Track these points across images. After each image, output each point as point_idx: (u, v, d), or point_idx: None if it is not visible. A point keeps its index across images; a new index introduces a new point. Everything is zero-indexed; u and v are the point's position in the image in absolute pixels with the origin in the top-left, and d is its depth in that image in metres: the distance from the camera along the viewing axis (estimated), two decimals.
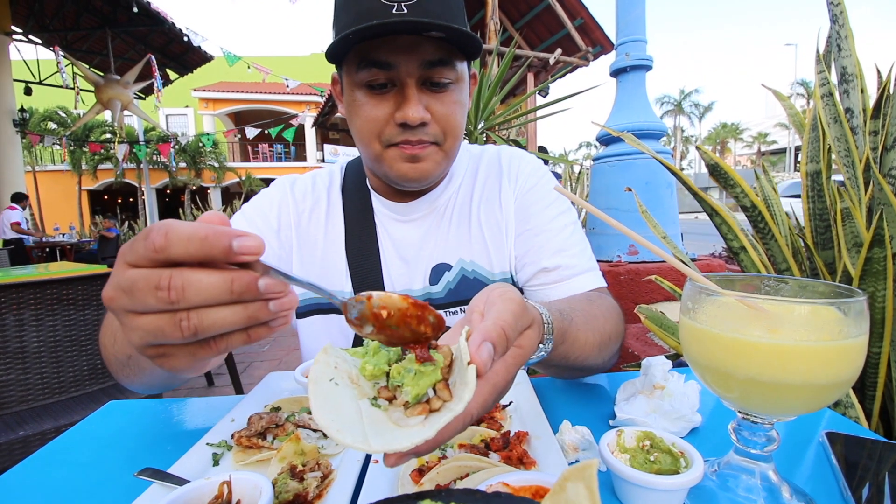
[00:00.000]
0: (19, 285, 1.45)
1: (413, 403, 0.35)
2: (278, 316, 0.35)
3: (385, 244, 0.91)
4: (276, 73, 9.19)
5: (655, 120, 2.52)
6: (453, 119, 0.79)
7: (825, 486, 0.53)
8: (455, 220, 0.93)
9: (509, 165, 0.96)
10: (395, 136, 0.77)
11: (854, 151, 1.04)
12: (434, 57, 0.73)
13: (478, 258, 0.91)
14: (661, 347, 1.94)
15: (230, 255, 0.31)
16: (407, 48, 0.72)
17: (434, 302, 0.89)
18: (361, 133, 0.79)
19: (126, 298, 0.33)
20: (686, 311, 0.50)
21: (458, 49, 0.76)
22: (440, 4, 0.71)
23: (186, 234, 0.31)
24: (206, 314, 0.32)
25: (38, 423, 1.58)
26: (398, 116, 0.75)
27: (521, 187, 0.94)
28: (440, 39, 0.72)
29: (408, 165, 0.79)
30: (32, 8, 7.91)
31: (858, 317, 0.43)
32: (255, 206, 0.93)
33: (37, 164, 20.70)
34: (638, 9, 2.52)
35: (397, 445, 0.31)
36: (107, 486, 0.55)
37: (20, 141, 8.97)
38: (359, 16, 0.70)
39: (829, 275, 1.09)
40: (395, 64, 0.72)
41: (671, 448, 0.50)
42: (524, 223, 0.91)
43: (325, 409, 0.32)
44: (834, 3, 1.07)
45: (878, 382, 0.93)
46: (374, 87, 0.75)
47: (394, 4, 0.69)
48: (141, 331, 0.33)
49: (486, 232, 0.92)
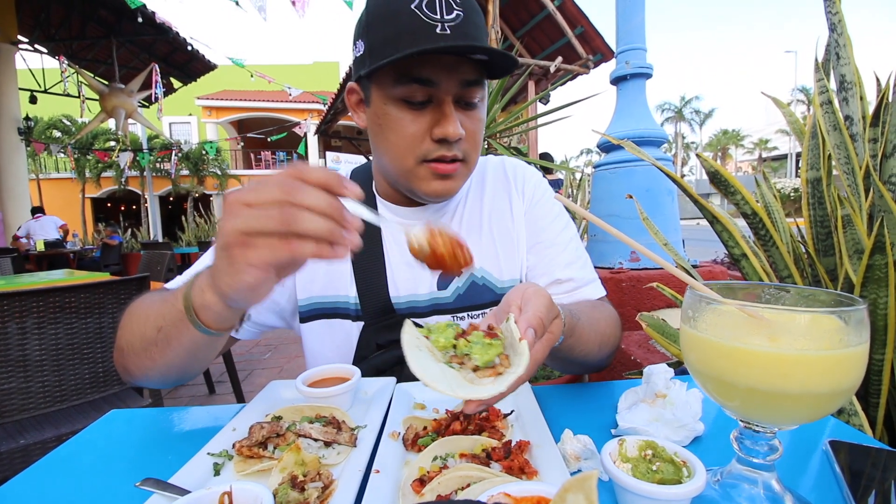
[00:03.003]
0: (22, 293, 1.45)
1: (483, 367, 0.47)
2: (342, 244, 0.46)
3: (391, 250, 0.92)
4: (278, 81, 9.25)
5: (656, 127, 2.53)
6: (479, 135, 0.83)
7: (829, 495, 0.53)
8: (465, 228, 0.95)
9: (514, 178, 1.00)
10: (431, 151, 0.79)
11: (854, 159, 1.04)
12: (472, 77, 0.76)
13: (488, 266, 0.94)
14: (663, 355, 1.93)
15: (341, 187, 0.46)
16: (449, 67, 0.74)
17: (442, 306, 0.91)
18: (396, 148, 0.80)
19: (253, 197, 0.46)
20: (686, 320, 0.50)
21: (490, 70, 0.78)
22: (474, 26, 0.74)
23: (319, 168, 0.46)
24: (303, 213, 0.44)
25: (39, 431, 1.58)
26: (438, 132, 0.76)
27: (529, 200, 0.99)
28: (478, 60, 0.75)
29: (438, 183, 0.82)
30: (39, 17, 8.01)
31: (859, 325, 0.43)
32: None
33: (41, 172, 20.84)
34: (638, 17, 2.53)
35: (480, 395, 0.43)
36: (108, 497, 0.55)
37: (25, 149, 9.04)
38: (401, 33, 0.71)
39: (830, 282, 1.08)
40: (437, 82, 0.74)
41: (673, 457, 0.50)
42: (535, 235, 0.97)
43: (419, 367, 0.43)
44: (832, 11, 1.08)
45: (882, 390, 0.92)
46: (412, 104, 0.76)
47: (437, 24, 0.70)
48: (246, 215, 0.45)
49: (497, 241, 0.95)
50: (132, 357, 0.68)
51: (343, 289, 0.90)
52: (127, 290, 1.75)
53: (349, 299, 0.90)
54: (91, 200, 22.55)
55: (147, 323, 0.65)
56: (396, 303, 0.89)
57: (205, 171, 20.67)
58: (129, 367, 0.70)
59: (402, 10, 0.71)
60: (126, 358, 0.69)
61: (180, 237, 11.57)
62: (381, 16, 0.74)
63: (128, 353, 0.68)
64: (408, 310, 0.90)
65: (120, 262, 8.23)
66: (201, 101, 22.46)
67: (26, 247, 7.73)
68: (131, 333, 0.68)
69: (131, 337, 0.68)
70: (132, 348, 0.67)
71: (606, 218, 2.59)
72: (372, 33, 0.75)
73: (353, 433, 0.63)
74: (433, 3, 0.71)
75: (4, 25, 7.92)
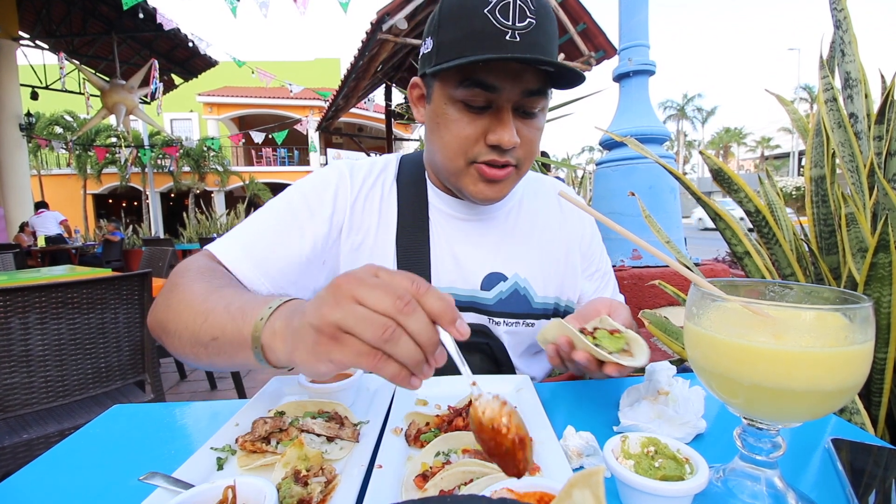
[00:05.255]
0: (25, 289, 1.45)
1: (615, 351, 0.65)
2: (419, 378, 0.45)
3: (437, 240, 0.91)
4: (280, 78, 9.22)
5: (658, 124, 2.53)
6: (535, 144, 0.83)
7: (831, 492, 0.53)
8: (517, 234, 0.96)
9: (561, 207, 1.03)
10: (482, 154, 0.79)
11: (858, 156, 1.04)
12: (535, 86, 0.75)
13: (531, 277, 0.94)
14: (665, 352, 1.93)
15: (451, 325, 0.44)
16: (513, 75, 0.74)
17: (480, 306, 0.90)
18: (449, 147, 0.80)
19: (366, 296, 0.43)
20: (690, 317, 0.50)
21: (555, 80, 0.78)
22: (545, 35, 0.73)
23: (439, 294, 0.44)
24: (404, 338, 0.42)
25: (42, 426, 1.59)
26: (492, 139, 0.76)
27: (584, 234, 1.04)
28: (544, 70, 0.75)
29: (485, 186, 0.82)
30: (40, 14, 8.00)
31: (864, 323, 0.43)
32: (313, 185, 0.90)
33: (42, 168, 20.86)
34: (640, 14, 2.52)
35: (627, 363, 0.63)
36: (111, 491, 0.55)
37: (26, 145, 9.04)
38: (470, 37, 0.71)
39: (833, 280, 1.08)
40: (500, 88, 0.74)
41: (676, 454, 0.50)
42: (591, 265, 1.05)
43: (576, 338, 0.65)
44: (837, 8, 1.07)
45: (885, 388, 0.92)
46: (472, 107, 0.76)
47: (508, 31, 0.70)
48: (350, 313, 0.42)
49: (545, 257, 0.96)
50: (175, 341, 0.67)
51: None
52: (129, 286, 1.75)
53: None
54: (92, 196, 22.58)
55: (202, 325, 0.62)
56: None
57: (206, 167, 20.67)
58: (166, 342, 0.69)
59: (474, 13, 0.71)
60: (168, 336, 0.68)
61: (181, 233, 11.57)
62: (453, 16, 0.74)
63: (171, 335, 0.67)
64: None
65: (121, 258, 8.23)
66: (202, 97, 22.43)
67: (28, 242, 7.75)
68: (181, 322, 0.65)
69: (179, 325, 0.65)
70: (178, 335, 0.66)
71: (609, 215, 2.59)
72: (442, 33, 0.75)
73: (355, 428, 0.63)
74: (507, 8, 0.70)
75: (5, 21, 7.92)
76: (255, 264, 0.79)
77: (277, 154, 24.42)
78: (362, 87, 7.28)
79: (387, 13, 4.78)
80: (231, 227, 7.06)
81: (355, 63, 6.08)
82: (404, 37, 5.02)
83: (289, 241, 0.83)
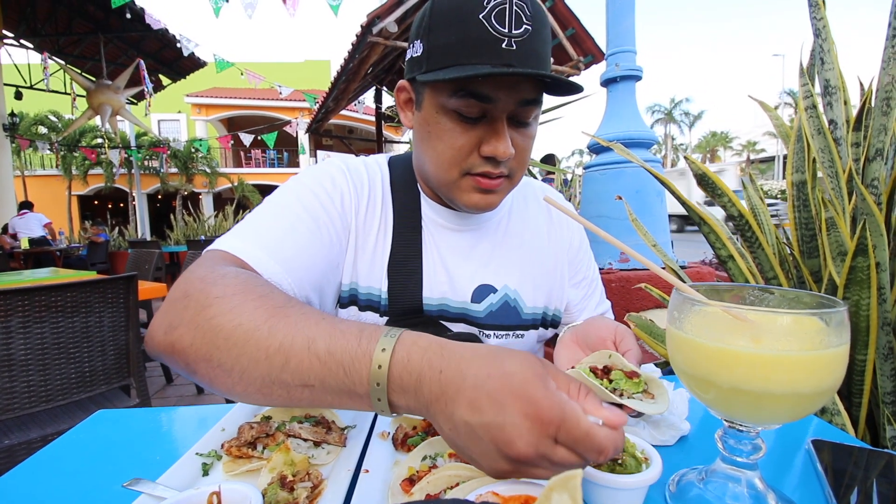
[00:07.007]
0: (7, 292, 1.43)
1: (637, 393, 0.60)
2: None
3: (429, 250, 0.89)
4: (269, 79, 9.16)
5: (645, 129, 2.56)
6: (528, 153, 0.81)
7: (811, 493, 0.54)
8: (507, 245, 0.94)
9: (550, 213, 1.02)
10: (476, 165, 0.77)
11: (837, 162, 1.06)
12: (531, 96, 0.74)
13: (521, 288, 0.93)
14: (651, 355, 1.95)
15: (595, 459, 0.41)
16: (510, 86, 0.72)
17: (471, 318, 0.89)
18: (441, 157, 0.78)
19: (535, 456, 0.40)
20: (672, 321, 0.51)
21: (549, 88, 0.76)
22: (542, 42, 0.72)
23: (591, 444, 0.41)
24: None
25: (23, 432, 1.56)
26: (487, 150, 0.74)
27: (572, 241, 1.02)
28: (539, 81, 0.73)
29: (479, 196, 0.80)
30: (24, 12, 7.87)
31: (839, 327, 0.44)
32: (318, 181, 0.85)
33: (26, 169, 20.50)
34: (627, 20, 2.56)
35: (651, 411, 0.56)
36: (95, 497, 0.54)
37: (10, 145, 8.89)
38: (464, 43, 0.69)
39: (815, 283, 1.10)
40: (496, 99, 0.72)
41: (637, 454, 0.52)
42: (578, 273, 1.03)
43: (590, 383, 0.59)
44: (817, 17, 1.10)
45: (864, 390, 0.94)
46: (465, 117, 0.74)
47: (504, 39, 0.68)
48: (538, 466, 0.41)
49: (535, 268, 0.95)
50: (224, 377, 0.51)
51: (377, 281, 0.86)
52: (114, 290, 1.73)
53: (381, 293, 0.87)
54: (77, 198, 22.23)
55: (282, 366, 0.49)
56: (427, 304, 0.87)
57: (194, 168, 20.46)
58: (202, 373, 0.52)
59: (469, 18, 0.68)
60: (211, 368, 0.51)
61: (169, 235, 11.44)
62: (446, 20, 0.71)
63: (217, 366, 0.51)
64: (437, 313, 0.87)
65: (107, 261, 8.11)
66: (191, 98, 22.24)
67: (10, 245, 7.61)
68: (242, 356, 0.50)
69: (235, 360, 0.50)
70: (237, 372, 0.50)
71: (596, 219, 2.61)
72: (433, 37, 0.72)
73: (342, 433, 0.63)
74: (502, 14, 0.68)
75: None
76: (288, 270, 0.71)
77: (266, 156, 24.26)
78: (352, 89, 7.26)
79: (377, 16, 4.78)
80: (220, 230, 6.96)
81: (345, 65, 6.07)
82: (394, 40, 5.02)
83: (312, 241, 0.78)
